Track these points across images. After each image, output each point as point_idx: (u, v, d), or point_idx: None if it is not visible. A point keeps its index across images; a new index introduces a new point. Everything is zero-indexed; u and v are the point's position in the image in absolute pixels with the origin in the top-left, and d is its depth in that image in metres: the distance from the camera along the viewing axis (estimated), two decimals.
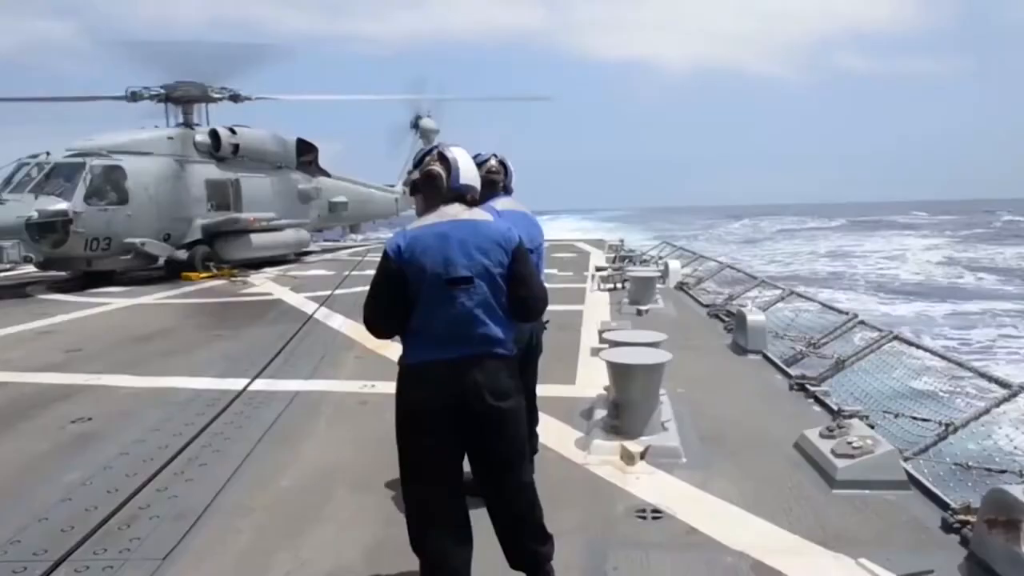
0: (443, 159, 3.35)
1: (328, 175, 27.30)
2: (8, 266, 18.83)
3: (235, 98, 22.79)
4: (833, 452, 4.98)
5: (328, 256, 25.68)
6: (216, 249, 20.23)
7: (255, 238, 21.15)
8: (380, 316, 3.29)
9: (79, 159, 17.55)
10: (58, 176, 17.15)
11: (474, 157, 3.77)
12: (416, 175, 3.41)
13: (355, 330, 10.59)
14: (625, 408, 5.53)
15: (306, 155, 25.69)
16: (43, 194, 16.63)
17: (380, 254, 3.26)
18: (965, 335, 25.45)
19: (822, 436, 5.27)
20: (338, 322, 11.32)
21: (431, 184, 3.35)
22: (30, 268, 19.05)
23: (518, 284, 3.29)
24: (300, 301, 13.90)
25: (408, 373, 3.23)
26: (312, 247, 26.69)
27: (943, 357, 7.02)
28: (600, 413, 5.93)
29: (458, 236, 3.20)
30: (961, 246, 64.12)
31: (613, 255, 21.67)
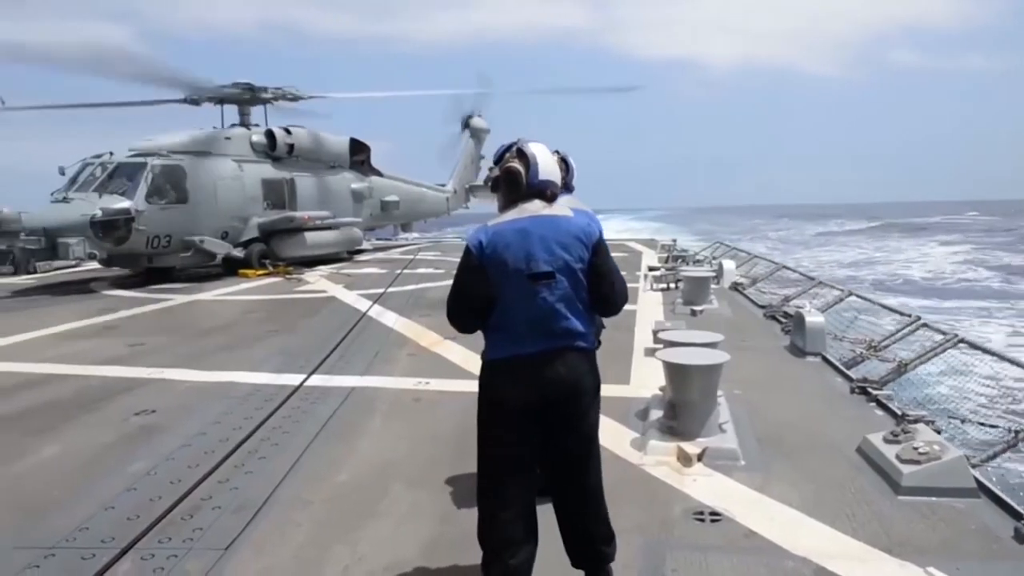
0: (522, 155, 3.35)
1: (380, 174, 27.58)
2: (74, 262, 19.44)
3: (289, 98, 23.16)
4: (898, 457, 4.85)
5: (380, 255, 25.91)
6: (272, 247, 20.59)
7: (309, 236, 21.47)
8: (463, 311, 3.31)
9: (141, 159, 18.02)
10: (121, 175, 17.64)
11: None
12: (496, 172, 3.41)
13: (408, 327, 10.69)
14: (682, 409, 5.47)
15: (359, 154, 26.00)
16: (107, 193, 17.10)
17: (431, 253, 3.28)
18: None
19: (886, 441, 5.12)
20: (391, 319, 11.42)
21: (511, 181, 3.35)
22: (94, 265, 19.64)
23: (599, 279, 3.31)
24: (353, 299, 14.06)
25: (492, 368, 3.26)
26: (364, 245, 26.98)
27: (1011, 362, 6.77)
28: (656, 414, 5.87)
29: (539, 232, 3.21)
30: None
31: (665, 255, 21.47)
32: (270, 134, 21.84)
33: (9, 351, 9.70)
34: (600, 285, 3.33)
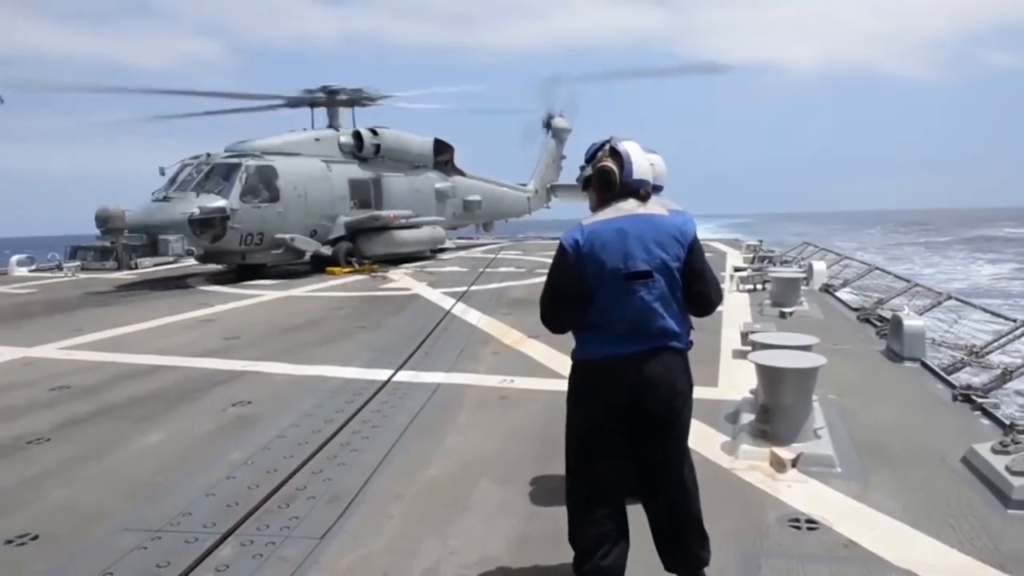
0: (615, 154, 3.33)
1: (463, 174, 27.88)
2: (172, 259, 20.36)
3: (374, 99, 23.63)
4: (1008, 469, 4.60)
5: (462, 253, 26.18)
6: (358, 245, 21.07)
7: (394, 235, 21.89)
8: (558, 311, 3.31)
9: (236, 159, 18.71)
10: (217, 175, 18.35)
11: None
12: (588, 171, 3.40)
13: (491, 325, 10.76)
14: (775, 413, 5.33)
15: (443, 155, 26.34)
16: (204, 192, 17.82)
17: (513, 252, 3.28)
18: None
19: (994, 451, 4.87)
20: (475, 317, 11.52)
21: (604, 180, 3.33)
22: (191, 261, 20.51)
23: (695, 278, 3.28)
24: (437, 297, 14.23)
25: (584, 367, 3.25)
26: (446, 244, 27.29)
27: None
28: (747, 417, 5.74)
29: (636, 231, 3.19)
30: None
31: (751, 255, 21.00)
32: (357, 135, 22.35)
33: (115, 343, 10.20)
34: (695, 284, 3.29)
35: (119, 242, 17.85)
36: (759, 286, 14.30)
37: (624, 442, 3.23)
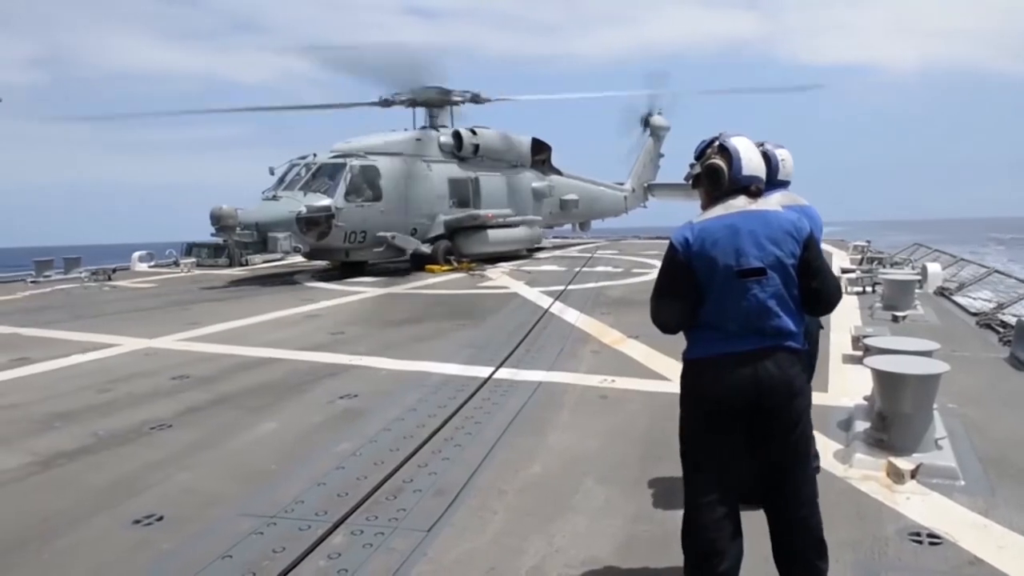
0: (724, 151, 3.26)
1: (560, 173, 27.88)
2: (279, 256, 21.13)
3: (476, 100, 23.89)
4: None
5: (558, 252, 26.17)
6: (456, 244, 21.37)
7: (492, 234, 22.08)
8: (669, 310, 3.26)
9: (341, 160, 19.27)
10: (323, 175, 18.94)
11: None
12: (697, 169, 3.34)
13: (590, 325, 10.72)
14: (893, 421, 5.09)
15: (540, 154, 26.41)
16: (311, 191, 18.43)
17: (609, 251, 3.24)
18: None
19: None
20: (573, 316, 11.49)
21: (713, 177, 3.26)
22: (297, 258, 21.25)
23: (811, 275, 3.18)
24: (535, 295, 14.27)
25: (697, 367, 3.19)
26: (543, 243, 27.37)
27: None
28: (861, 425, 5.51)
29: (748, 227, 3.12)
30: None
31: (860, 256, 20.22)
32: (457, 135, 22.64)
33: (229, 335, 10.66)
34: (811, 281, 3.18)
35: (231, 240, 18.64)
36: (869, 288, 13.75)
37: (740, 444, 3.15)
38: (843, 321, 10.05)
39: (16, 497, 4.86)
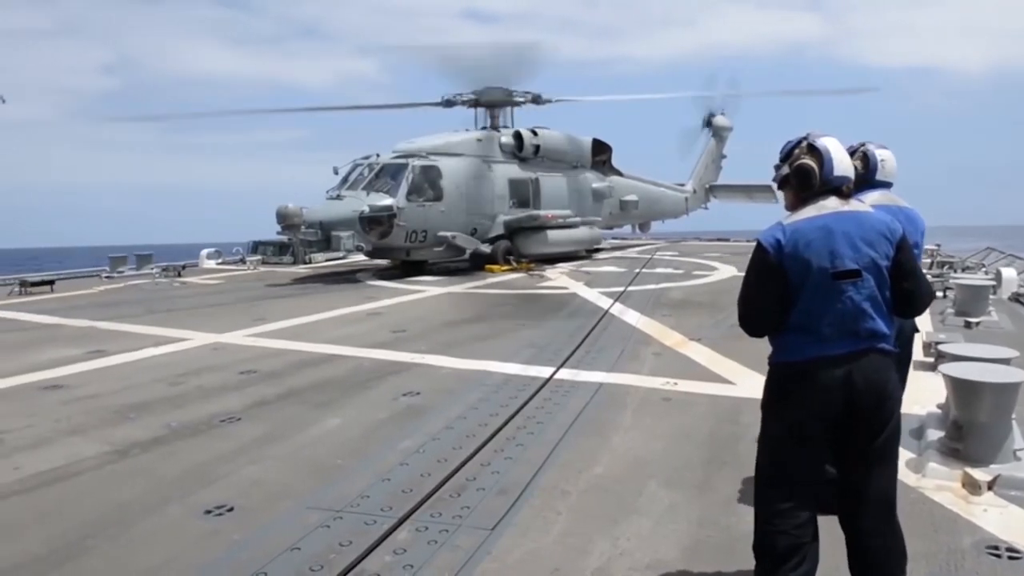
0: (813, 151, 3.19)
1: (620, 174, 27.72)
2: (342, 254, 21.49)
3: (537, 100, 23.91)
4: None
5: (617, 253, 26.01)
6: (516, 244, 21.41)
7: (551, 234, 22.06)
8: (758, 312, 3.20)
9: (403, 160, 19.50)
10: (385, 175, 19.20)
11: None
12: (785, 170, 3.27)
13: (651, 327, 10.61)
14: (970, 430, 4.91)
15: (601, 154, 26.30)
16: (373, 191, 18.70)
17: (669, 252, 3.19)
18: None
19: None
20: (633, 318, 11.40)
21: (803, 178, 3.19)
22: (359, 256, 21.56)
23: (904, 277, 3.12)
24: (595, 296, 14.20)
25: (787, 370, 3.12)
26: (602, 244, 27.23)
27: None
28: (934, 433, 5.32)
29: (842, 228, 3.05)
30: None
31: (929, 260, 19.59)
32: (518, 135, 22.70)
33: (294, 331, 10.87)
34: (904, 283, 3.12)
35: (296, 238, 19.04)
36: (940, 293, 13.31)
37: (824, 449, 3.09)
38: None
39: (95, 484, 5.03)
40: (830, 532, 3.22)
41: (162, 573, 3.81)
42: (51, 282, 17.93)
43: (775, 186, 3.39)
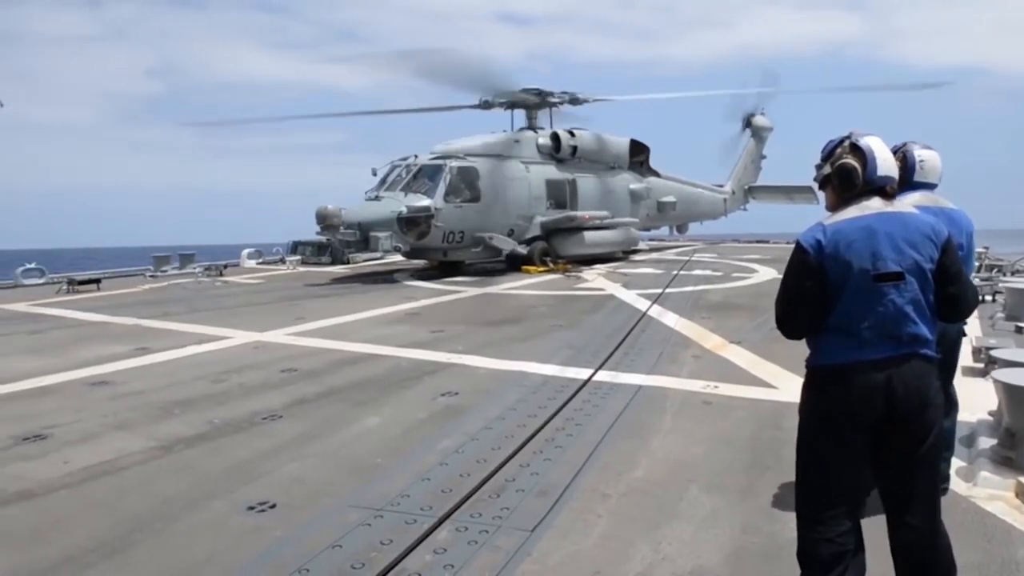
0: (856, 150, 3.13)
1: (658, 175, 27.55)
2: (380, 254, 21.65)
3: (574, 101, 23.85)
4: None
5: (655, 255, 25.85)
6: (553, 245, 21.38)
7: (588, 235, 22.00)
8: (796, 314, 3.14)
9: (440, 161, 19.59)
10: (423, 176, 19.31)
11: None
12: (827, 169, 3.21)
13: (690, 329, 10.52)
14: (1023, 439, 4.78)
15: (638, 155, 26.17)
16: (411, 192, 18.82)
17: (707, 254, 3.15)
18: None
19: None
20: (672, 320, 11.31)
21: (845, 177, 3.13)
22: (397, 257, 21.70)
23: (949, 281, 3.04)
24: (632, 298, 14.12)
25: (826, 374, 3.06)
26: (639, 245, 27.08)
27: None
28: (986, 441, 5.19)
29: (885, 230, 2.99)
30: None
31: (978, 263, 19.15)
32: (555, 136, 22.68)
33: (333, 331, 10.97)
34: (948, 287, 3.04)
35: (335, 238, 19.22)
36: (988, 297, 13.01)
37: (865, 455, 3.01)
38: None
39: (141, 479, 5.12)
40: (877, 543, 3.16)
41: (206, 568, 3.86)
42: (97, 281, 18.34)
43: (816, 186, 3.33)
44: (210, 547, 4.08)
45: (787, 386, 6.98)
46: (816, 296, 3.03)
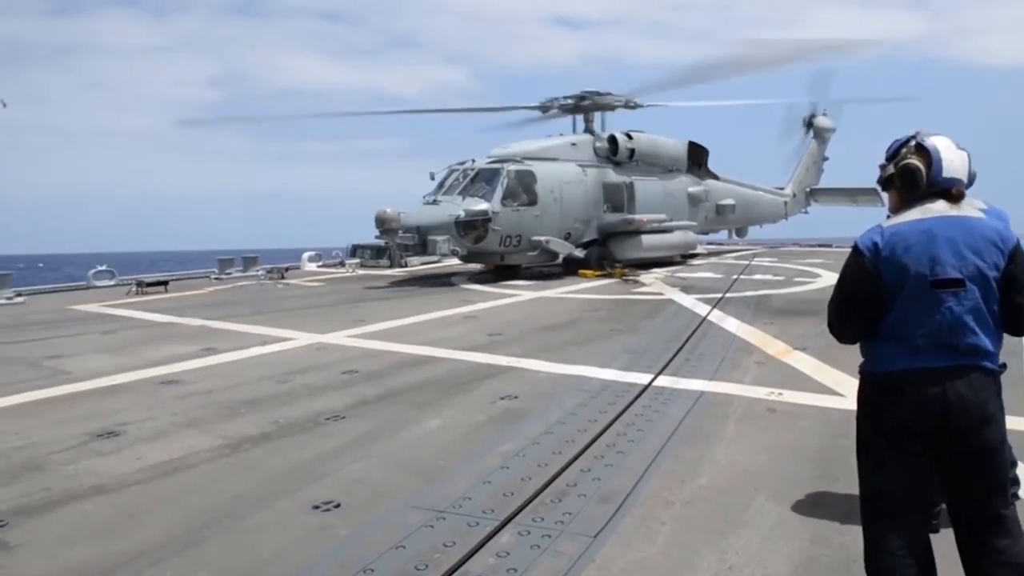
0: (921, 150, 3.03)
1: (717, 177, 27.20)
2: (437, 258, 21.84)
3: (629, 105, 23.69)
4: None
5: (713, 259, 25.52)
6: (610, 248, 21.28)
7: (646, 239, 21.83)
8: (848, 319, 3.07)
9: (498, 165, 19.67)
10: (480, 180, 19.41)
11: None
12: (890, 169, 3.13)
13: (752, 334, 10.34)
14: None
15: (696, 158, 25.87)
16: (469, 196, 18.93)
17: (768, 259, 3.07)
18: None
19: None
20: (733, 325, 11.13)
21: (908, 178, 3.04)
22: (453, 260, 21.85)
23: (1016, 290, 2.89)
24: (691, 302, 13.94)
25: (878, 382, 2.98)
26: (697, 249, 26.76)
27: None
28: None
29: (946, 234, 2.88)
30: None
31: None
32: (613, 140, 22.57)
33: (393, 333, 11.10)
34: (1015, 297, 2.90)
35: (393, 242, 19.47)
36: None
37: (922, 460, 2.90)
38: None
39: (209, 476, 5.24)
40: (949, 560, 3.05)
41: (273, 565, 3.93)
42: (165, 283, 18.90)
43: (880, 187, 3.24)
44: (277, 544, 4.15)
45: (855, 394, 6.78)
46: (870, 300, 2.95)
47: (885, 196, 3.30)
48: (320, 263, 25.74)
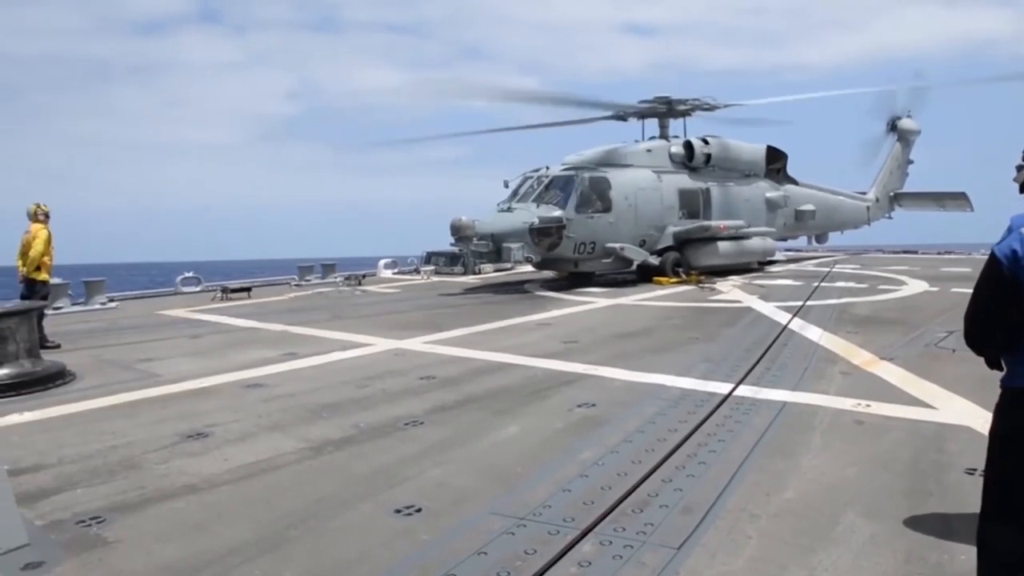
0: None
1: (796, 182, 26.53)
2: (510, 265, 21.91)
3: (704, 108, 23.34)
4: None
5: (792, 266, 24.88)
6: (685, 255, 20.97)
7: (722, 246, 21.45)
8: (987, 330, 2.93)
9: (572, 172, 19.65)
10: (554, 187, 19.41)
11: None
12: None
13: (835, 344, 10.03)
14: None
15: (775, 163, 25.30)
16: (543, 203, 18.95)
17: (849, 265, 2.94)
18: None
19: None
20: (815, 334, 10.82)
21: None
22: (526, 267, 21.89)
23: None
24: (771, 310, 13.63)
25: (1015, 396, 2.84)
26: (776, 256, 26.15)
27: None
28: None
29: None
30: None
31: None
32: (688, 145, 22.28)
33: (469, 340, 11.18)
34: None
35: (468, 249, 19.63)
36: None
37: None
38: None
39: (294, 478, 5.37)
40: None
41: (358, 566, 3.99)
42: (248, 289, 19.49)
43: (1020, 188, 3.08)
44: (361, 547, 4.21)
45: (949, 407, 6.54)
46: (1008, 310, 2.80)
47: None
48: (396, 270, 26.15)
